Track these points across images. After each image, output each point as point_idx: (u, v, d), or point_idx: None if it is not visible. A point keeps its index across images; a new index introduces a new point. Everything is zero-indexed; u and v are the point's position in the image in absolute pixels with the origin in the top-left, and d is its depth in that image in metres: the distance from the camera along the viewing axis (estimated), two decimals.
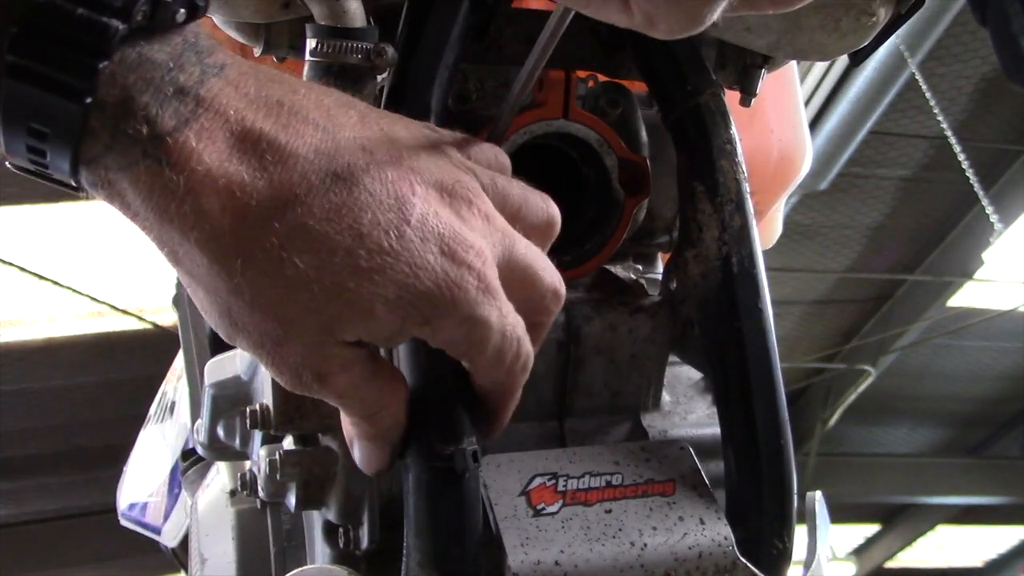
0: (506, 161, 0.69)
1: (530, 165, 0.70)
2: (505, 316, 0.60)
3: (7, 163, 0.56)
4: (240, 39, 0.81)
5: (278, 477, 0.77)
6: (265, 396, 0.79)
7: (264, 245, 0.54)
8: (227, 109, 0.55)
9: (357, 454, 0.67)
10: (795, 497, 0.80)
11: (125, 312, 5.40)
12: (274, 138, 0.55)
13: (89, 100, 0.51)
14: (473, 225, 0.60)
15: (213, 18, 0.78)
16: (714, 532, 0.75)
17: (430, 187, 0.59)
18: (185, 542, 1.27)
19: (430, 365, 0.66)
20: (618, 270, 0.95)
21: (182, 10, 0.54)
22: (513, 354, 0.62)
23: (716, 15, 0.52)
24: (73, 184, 0.55)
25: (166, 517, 1.50)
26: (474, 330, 0.59)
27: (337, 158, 0.56)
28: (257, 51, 0.81)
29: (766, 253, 0.86)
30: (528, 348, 0.63)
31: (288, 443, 0.79)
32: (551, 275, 0.64)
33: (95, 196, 0.56)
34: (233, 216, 0.54)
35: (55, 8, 0.50)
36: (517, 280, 0.61)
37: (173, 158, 0.53)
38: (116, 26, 0.51)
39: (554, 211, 0.67)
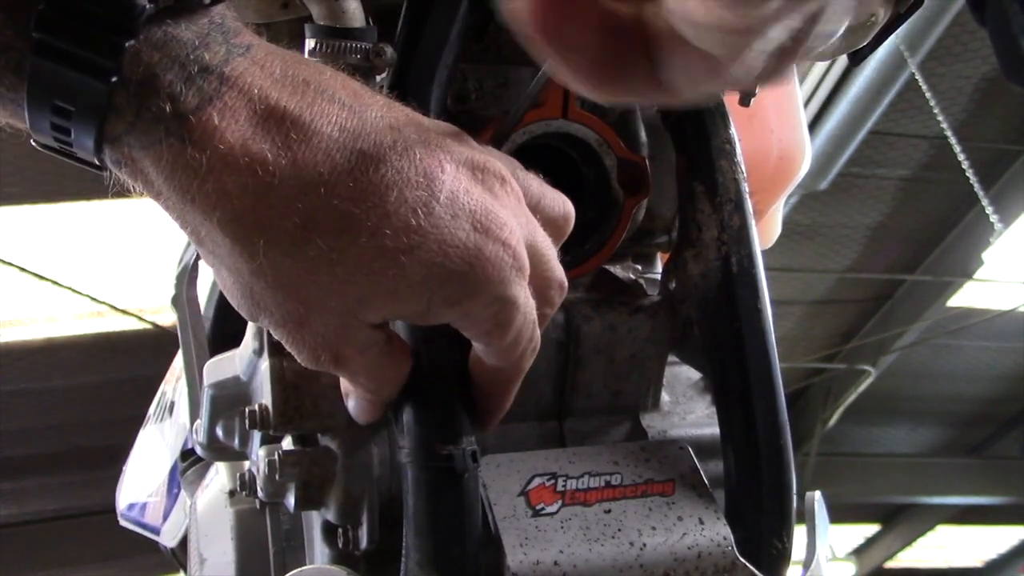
0: (519, 164, 0.69)
1: (529, 165, 0.70)
2: (528, 299, 0.60)
3: (32, 141, 0.55)
4: None
5: (277, 477, 0.76)
6: (264, 396, 0.78)
7: (286, 226, 0.53)
8: (251, 88, 0.54)
9: (352, 406, 0.67)
10: (795, 497, 0.79)
11: (125, 312, 5.39)
12: (298, 116, 0.54)
13: (114, 79, 0.51)
14: (505, 203, 0.59)
15: None
16: (713, 532, 0.75)
17: (461, 165, 0.58)
18: (184, 542, 1.26)
19: (429, 353, 0.66)
20: (618, 270, 0.95)
21: None
22: (528, 338, 0.62)
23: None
24: (97, 163, 0.55)
25: (165, 517, 1.50)
26: (503, 310, 0.58)
27: (363, 136, 0.55)
28: None
29: (766, 253, 0.86)
30: (538, 335, 0.63)
31: (287, 443, 0.79)
32: (560, 268, 0.64)
33: (119, 175, 0.55)
34: (255, 196, 0.53)
35: None
36: (534, 268, 0.61)
37: (195, 136, 0.52)
38: (143, 4, 0.51)
39: (570, 208, 0.67)
